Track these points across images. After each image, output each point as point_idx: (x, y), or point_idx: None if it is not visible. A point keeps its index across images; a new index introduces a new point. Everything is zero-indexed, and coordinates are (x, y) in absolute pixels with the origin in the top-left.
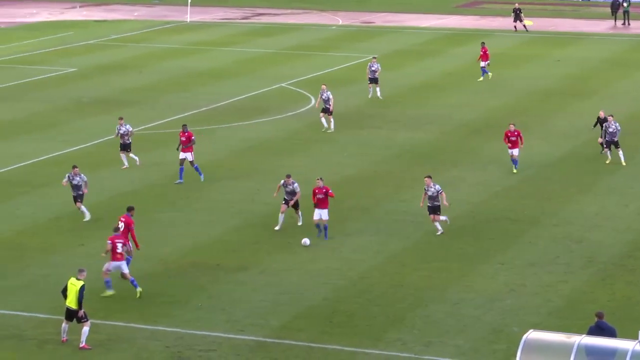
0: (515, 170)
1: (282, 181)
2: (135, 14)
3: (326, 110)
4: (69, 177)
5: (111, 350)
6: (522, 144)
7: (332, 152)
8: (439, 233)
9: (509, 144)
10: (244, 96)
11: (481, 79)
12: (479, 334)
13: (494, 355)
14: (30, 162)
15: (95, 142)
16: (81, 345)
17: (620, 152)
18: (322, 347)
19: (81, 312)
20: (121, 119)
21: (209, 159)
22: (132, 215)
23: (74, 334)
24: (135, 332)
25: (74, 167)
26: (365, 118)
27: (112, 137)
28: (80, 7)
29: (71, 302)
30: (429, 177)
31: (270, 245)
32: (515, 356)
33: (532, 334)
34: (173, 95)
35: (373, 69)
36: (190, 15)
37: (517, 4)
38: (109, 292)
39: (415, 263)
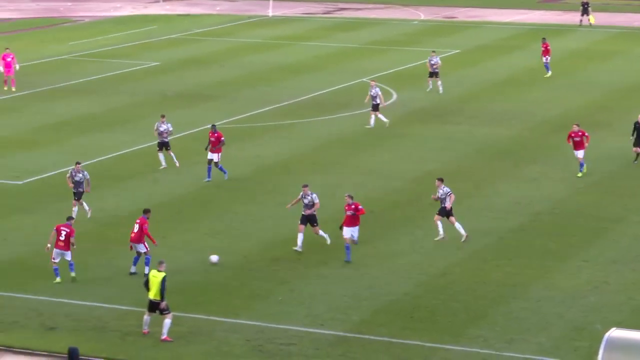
0: (580, 174)
1: (301, 193)
2: (218, 8)
3: (375, 107)
4: (71, 172)
5: (192, 342)
6: (587, 142)
7: (413, 147)
8: (437, 238)
9: (573, 145)
10: (325, 91)
11: (549, 74)
12: (561, 331)
13: (576, 352)
14: (113, 155)
15: (178, 135)
16: (163, 338)
17: None
18: (402, 343)
19: (163, 304)
20: (163, 116)
21: (290, 154)
22: (147, 217)
23: (155, 326)
24: (216, 325)
25: (77, 163)
26: (447, 113)
27: (195, 130)
28: (163, 1)
29: (154, 294)
30: (440, 180)
31: None
32: (597, 354)
33: (615, 332)
34: (254, 89)
35: (432, 62)
36: (272, 9)
37: None
38: (57, 280)
39: (497, 259)
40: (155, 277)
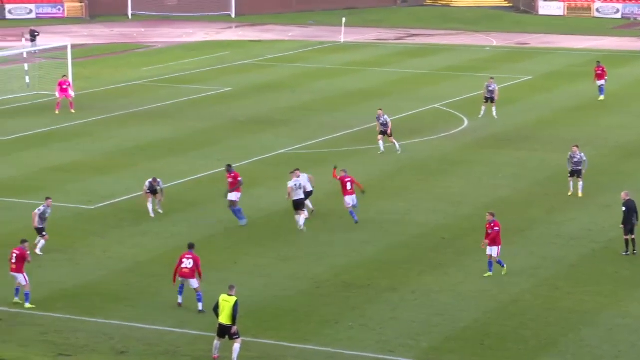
0: None
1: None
2: (290, 34)
3: (384, 133)
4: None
5: None
6: None
7: (486, 174)
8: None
9: None
10: (397, 117)
11: None
12: None
13: None
14: (186, 179)
15: (251, 160)
16: None
17: None
18: None
19: (234, 329)
20: (155, 179)
21: (362, 179)
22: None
23: (225, 351)
24: (286, 351)
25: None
26: (521, 140)
27: (268, 155)
28: (235, 27)
29: (225, 318)
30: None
31: (422, 266)
32: None
33: None
34: (326, 115)
35: (490, 89)
36: (344, 35)
37: None
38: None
39: (569, 286)
40: (227, 301)
